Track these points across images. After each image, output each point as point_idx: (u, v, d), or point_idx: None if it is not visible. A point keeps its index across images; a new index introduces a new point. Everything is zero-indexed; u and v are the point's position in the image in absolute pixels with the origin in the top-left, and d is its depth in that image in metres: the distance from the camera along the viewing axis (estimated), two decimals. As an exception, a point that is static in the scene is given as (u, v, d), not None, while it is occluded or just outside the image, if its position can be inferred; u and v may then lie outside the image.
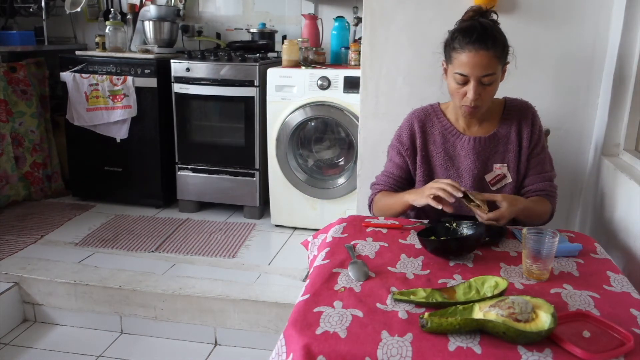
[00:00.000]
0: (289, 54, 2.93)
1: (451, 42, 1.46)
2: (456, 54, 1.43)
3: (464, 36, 1.41)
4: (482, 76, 1.41)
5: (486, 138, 1.56)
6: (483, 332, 0.93)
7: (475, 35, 1.40)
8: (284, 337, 0.97)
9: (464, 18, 1.50)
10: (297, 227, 3.04)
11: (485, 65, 1.40)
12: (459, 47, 1.42)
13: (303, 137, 3.01)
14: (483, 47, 1.39)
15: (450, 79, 1.48)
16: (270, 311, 2.12)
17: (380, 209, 1.63)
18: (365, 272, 1.16)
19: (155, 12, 3.28)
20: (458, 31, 1.44)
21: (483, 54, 1.39)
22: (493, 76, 1.43)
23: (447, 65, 1.51)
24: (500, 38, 1.44)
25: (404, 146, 1.62)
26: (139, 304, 2.21)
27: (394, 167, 1.66)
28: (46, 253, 2.57)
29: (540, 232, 1.18)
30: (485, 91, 1.45)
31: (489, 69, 1.41)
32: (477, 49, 1.39)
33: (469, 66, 1.40)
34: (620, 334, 0.94)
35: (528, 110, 1.60)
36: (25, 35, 3.35)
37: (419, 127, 1.61)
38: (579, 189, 1.98)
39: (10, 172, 3.20)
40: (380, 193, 1.65)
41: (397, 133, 1.66)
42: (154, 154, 3.19)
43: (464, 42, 1.41)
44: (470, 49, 1.40)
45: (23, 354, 2.08)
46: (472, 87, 1.42)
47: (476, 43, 1.39)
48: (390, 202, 1.59)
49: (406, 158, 1.63)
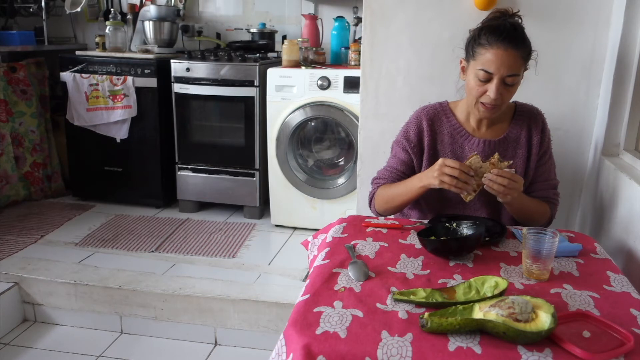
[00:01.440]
0: (289, 54, 2.93)
1: (477, 38, 1.42)
2: (483, 50, 1.40)
3: (493, 33, 1.39)
4: (506, 75, 1.39)
5: (496, 142, 1.55)
6: (483, 332, 0.93)
7: (505, 33, 1.37)
8: (284, 337, 0.97)
9: (489, 17, 1.47)
10: (297, 227, 3.04)
11: (511, 65, 1.38)
12: (487, 43, 1.39)
13: (303, 137, 3.01)
14: (512, 46, 1.37)
15: (471, 76, 1.44)
16: (270, 311, 2.12)
17: (386, 200, 1.58)
18: (365, 272, 1.16)
19: (155, 12, 3.28)
20: (486, 28, 1.41)
21: (511, 52, 1.37)
22: (516, 77, 1.41)
23: (467, 63, 1.48)
24: (528, 40, 1.42)
25: (411, 143, 1.59)
26: (139, 304, 2.21)
27: (398, 162, 1.62)
28: (46, 253, 2.57)
29: (540, 232, 1.18)
30: (507, 91, 1.42)
31: (514, 69, 1.39)
32: (506, 47, 1.37)
33: (496, 64, 1.38)
34: (620, 334, 0.94)
35: (538, 116, 1.58)
36: (25, 35, 3.35)
37: (428, 125, 1.58)
38: (579, 189, 1.98)
39: (10, 172, 3.20)
40: (381, 187, 1.61)
41: (403, 129, 1.63)
42: (154, 154, 3.19)
43: (493, 38, 1.38)
44: (499, 46, 1.37)
45: (23, 354, 2.08)
46: (495, 85, 1.39)
47: (505, 41, 1.37)
48: (398, 191, 1.53)
49: (412, 155, 1.60)
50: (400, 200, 1.54)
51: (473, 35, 1.46)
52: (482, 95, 1.43)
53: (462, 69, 1.52)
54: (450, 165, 1.37)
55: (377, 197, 1.62)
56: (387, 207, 1.58)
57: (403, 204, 1.55)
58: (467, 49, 1.48)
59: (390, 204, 1.57)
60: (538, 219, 1.54)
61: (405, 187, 1.51)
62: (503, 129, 1.57)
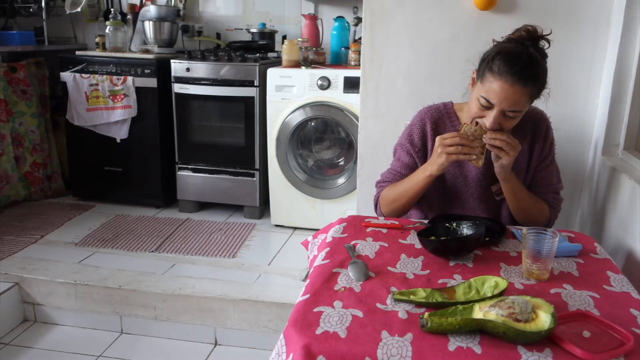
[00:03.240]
0: (289, 54, 2.93)
1: (491, 61, 1.34)
2: (491, 77, 1.32)
3: (506, 63, 1.30)
4: (508, 110, 1.34)
5: None
6: (483, 332, 0.93)
7: (518, 67, 1.29)
8: (284, 337, 0.97)
9: (512, 37, 1.38)
10: (297, 227, 3.04)
11: (515, 102, 1.32)
12: (497, 71, 1.31)
13: (303, 137, 3.01)
14: (521, 83, 1.29)
15: (475, 97, 1.39)
16: (270, 311, 2.12)
17: (392, 200, 1.54)
18: (365, 272, 1.16)
19: (155, 12, 3.28)
20: (502, 54, 1.32)
21: (517, 89, 1.30)
22: (519, 113, 1.35)
23: (476, 80, 1.41)
24: (542, 77, 1.35)
25: (415, 147, 1.57)
26: (139, 304, 2.21)
27: (402, 166, 1.60)
28: (46, 253, 2.57)
29: (541, 232, 1.18)
30: (507, 122, 1.36)
31: (517, 106, 1.33)
32: (514, 83, 1.29)
33: (499, 97, 1.31)
34: (620, 334, 0.94)
35: (543, 122, 1.54)
36: (26, 35, 3.35)
37: (432, 128, 1.55)
38: (579, 189, 1.98)
39: (10, 172, 3.20)
40: (386, 188, 1.59)
41: (406, 132, 1.60)
42: (154, 154, 3.19)
43: (504, 69, 1.30)
44: (506, 79, 1.29)
45: (23, 354, 2.08)
46: (492, 116, 1.34)
47: (516, 76, 1.29)
48: (404, 187, 1.50)
49: (416, 159, 1.57)
50: (407, 196, 1.50)
51: (489, 55, 1.37)
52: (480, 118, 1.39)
53: (472, 80, 1.45)
54: (448, 137, 1.37)
55: (382, 199, 1.59)
56: (394, 206, 1.55)
57: (410, 201, 1.52)
58: (480, 66, 1.40)
59: (397, 202, 1.54)
60: (536, 216, 1.51)
61: (410, 182, 1.49)
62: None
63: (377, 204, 1.62)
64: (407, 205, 1.54)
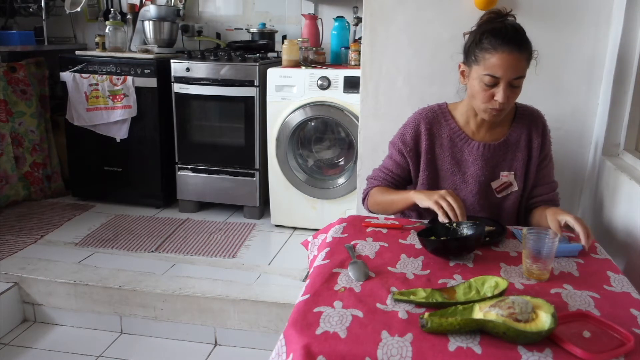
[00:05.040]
0: (289, 54, 2.93)
1: (479, 42, 1.40)
2: (487, 55, 1.37)
3: (496, 37, 1.36)
4: (513, 78, 1.37)
5: (496, 145, 1.54)
6: (483, 332, 0.93)
7: (509, 37, 1.36)
8: (284, 337, 0.97)
9: (485, 19, 1.45)
10: (297, 227, 3.04)
11: (517, 68, 1.37)
12: (491, 47, 1.36)
13: (303, 137, 3.01)
14: (516, 48, 1.36)
15: (475, 81, 1.42)
16: (270, 311, 2.12)
17: (380, 203, 1.60)
18: (365, 272, 1.16)
19: (155, 12, 3.28)
20: (488, 32, 1.39)
21: (516, 55, 1.36)
22: (522, 79, 1.40)
23: (468, 67, 1.45)
24: (529, 41, 1.41)
25: (407, 147, 1.59)
26: (139, 304, 2.21)
27: (393, 164, 1.63)
28: (46, 253, 2.57)
29: (540, 232, 1.18)
30: (513, 93, 1.41)
31: (520, 71, 1.38)
32: (511, 50, 1.35)
33: (502, 68, 1.36)
34: (620, 334, 0.94)
35: (539, 119, 1.57)
36: (25, 35, 3.35)
37: (426, 129, 1.56)
38: (579, 189, 1.98)
39: (10, 172, 3.20)
40: (377, 188, 1.63)
41: (400, 131, 1.62)
42: (154, 154, 3.19)
43: (496, 42, 1.36)
44: (503, 49, 1.35)
45: (23, 354, 2.08)
46: (502, 89, 1.37)
47: (510, 44, 1.35)
48: (392, 198, 1.55)
49: (407, 158, 1.60)
50: (396, 208, 1.56)
51: (474, 40, 1.42)
52: (490, 101, 1.41)
53: (462, 73, 1.49)
54: (455, 199, 1.36)
55: (370, 196, 1.64)
56: (378, 209, 1.62)
57: (395, 211, 1.59)
58: (468, 53, 1.45)
59: (382, 206, 1.60)
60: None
61: (399, 196, 1.53)
62: (503, 132, 1.56)
63: (365, 199, 1.68)
64: (389, 212, 1.60)
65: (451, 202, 1.35)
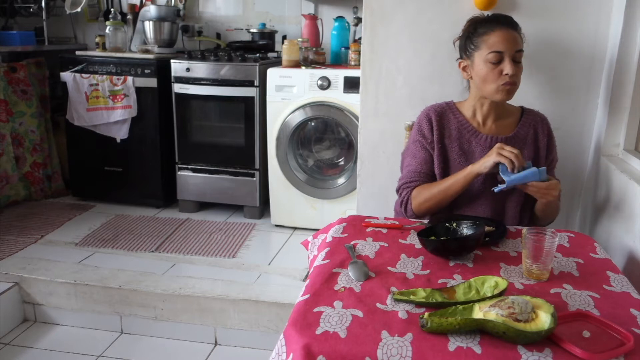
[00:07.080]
0: (289, 54, 2.93)
1: (473, 32, 1.53)
2: (486, 37, 1.49)
3: (490, 21, 1.51)
4: (515, 51, 1.47)
5: (504, 139, 1.56)
6: (483, 332, 0.93)
7: (500, 18, 1.51)
8: (284, 337, 0.97)
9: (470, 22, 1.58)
10: (297, 227, 3.04)
11: (517, 41, 1.49)
12: (489, 29, 1.49)
13: (303, 137, 3.01)
14: (510, 26, 1.50)
15: (481, 65, 1.50)
16: (270, 311, 2.12)
17: (430, 198, 1.53)
18: (365, 272, 1.16)
19: (155, 12, 3.28)
20: (480, 21, 1.53)
21: (512, 32, 1.49)
22: (522, 53, 1.50)
23: (469, 59, 1.55)
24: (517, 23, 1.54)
25: (427, 139, 1.60)
26: (139, 304, 2.21)
27: (420, 163, 1.60)
28: (46, 253, 2.57)
29: (540, 232, 1.18)
30: (518, 68, 1.49)
31: (519, 44, 1.49)
32: (507, 28, 1.49)
33: (503, 42, 1.47)
34: (620, 334, 0.94)
35: (544, 121, 1.64)
36: (26, 35, 3.35)
37: (437, 120, 1.61)
38: (579, 189, 1.98)
39: (10, 172, 3.20)
40: (417, 189, 1.57)
41: (415, 128, 1.64)
42: (154, 154, 3.19)
43: (492, 24, 1.50)
44: (500, 28, 1.48)
45: (23, 354, 2.08)
46: (507, 62, 1.47)
47: (503, 23, 1.49)
48: (447, 184, 1.51)
49: (430, 151, 1.60)
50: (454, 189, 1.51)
51: (467, 33, 1.55)
52: (500, 77, 1.48)
53: (464, 68, 1.58)
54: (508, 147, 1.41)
55: (413, 199, 1.57)
56: (430, 204, 1.55)
57: (448, 198, 1.53)
58: (465, 47, 1.56)
59: (436, 198, 1.53)
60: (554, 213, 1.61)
61: (454, 179, 1.50)
62: (509, 127, 1.60)
63: (407, 204, 1.59)
64: (442, 203, 1.54)
65: (511, 150, 1.40)
